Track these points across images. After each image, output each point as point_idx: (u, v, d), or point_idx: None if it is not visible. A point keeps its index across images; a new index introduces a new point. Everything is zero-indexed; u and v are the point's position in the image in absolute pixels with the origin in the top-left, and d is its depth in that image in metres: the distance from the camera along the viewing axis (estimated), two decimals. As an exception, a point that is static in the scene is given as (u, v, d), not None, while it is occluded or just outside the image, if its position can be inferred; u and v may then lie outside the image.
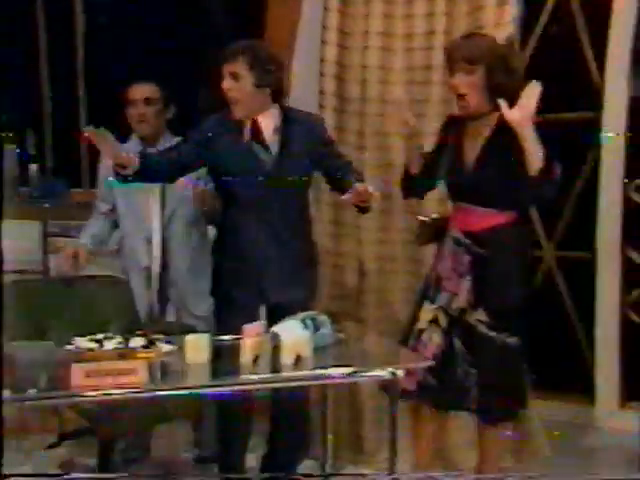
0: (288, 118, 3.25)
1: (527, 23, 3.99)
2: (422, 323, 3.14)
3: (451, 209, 3.23)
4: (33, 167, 3.95)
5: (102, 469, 3.39)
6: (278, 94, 3.23)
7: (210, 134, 3.25)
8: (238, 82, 3.15)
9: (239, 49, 3.17)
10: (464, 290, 3.10)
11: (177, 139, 3.55)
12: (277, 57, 3.25)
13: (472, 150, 3.12)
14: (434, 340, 3.12)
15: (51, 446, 3.76)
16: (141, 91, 3.61)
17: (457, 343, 3.12)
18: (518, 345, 3.11)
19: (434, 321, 3.12)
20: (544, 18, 4.28)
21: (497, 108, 3.04)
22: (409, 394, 3.12)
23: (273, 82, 3.18)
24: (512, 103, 3.00)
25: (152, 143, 3.61)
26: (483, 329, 3.09)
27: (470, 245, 3.11)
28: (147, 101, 3.60)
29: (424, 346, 3.12)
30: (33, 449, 3.83)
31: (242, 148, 3.23)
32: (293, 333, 2.87)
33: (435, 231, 3.25)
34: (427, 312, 3.15)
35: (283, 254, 3.27)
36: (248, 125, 3.22)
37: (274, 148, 3.24)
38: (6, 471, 2.48)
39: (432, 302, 3.15)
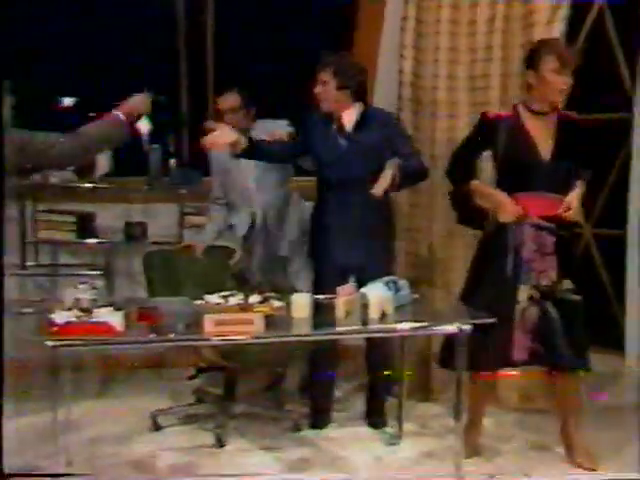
0: (367, 113, 3.31)
1: (570, 37, 3.82)
2: (523, 303, 3.00)
3: (518, 199, 2.98)
4: (172, 161, 4.03)
5: (227, 397, 3.46)
6: (360, 94, 3.30)
7: (311, 127, 3.36)
8: (325, 86, 3.25)
9: (326, 61, 3.28)
10: (551, 267, 2.99)
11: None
12: (357, 65, 3.35)
13: (545, 144, 2.98)
14: (533, 314, 3.00)
15: (190, 377, 3.80)
16: (225, 102, 3.59)
17: (551, 313, 3.00)
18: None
19: (530, 298, 3.00)
20: (583, 33, 4.15)
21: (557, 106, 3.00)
22: (522, 362, 3.05)
23: (353, 85, 3.26)
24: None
25: None
26: (572, 296, 3.01)
27: (553, 228, 2.99)
28: (232, 110, 3.58)
29: (526, 321, 3.00)
30: (176, 379, 3.90)
31: (329, 137, 3.31)
32: (378, 293, 2.88)
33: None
34: (523, 292, 2.99)
35: (357, 227, 3.27)
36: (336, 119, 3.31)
37: (351, 136, 3.29)
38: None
39: (525, 283, 2.99)
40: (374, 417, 3.49)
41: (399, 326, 2.86)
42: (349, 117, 3.29)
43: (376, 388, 3.51)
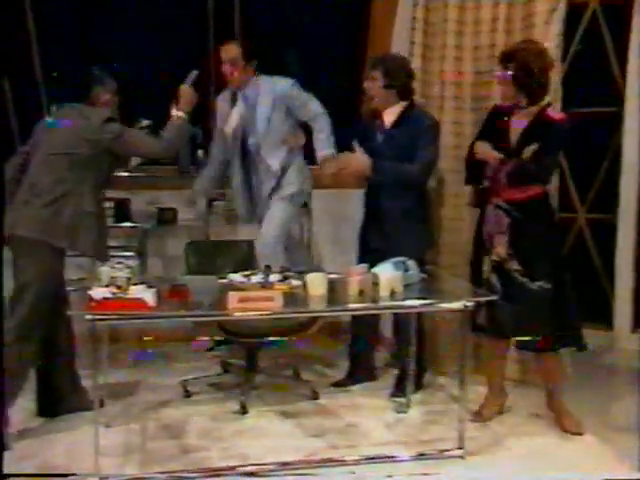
0: (407, 113, 3.29)
1: (567, 38, 3.69)
2: (486, 273, 3.00)
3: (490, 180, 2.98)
4: (200, 152, 3.95)
5: (249, 368, 3.40)
6: (405, 93, 3.29)
7: (364, 124, 3.40)
8: (374, 83, 3.26)
9: (377, 60, 3.30)
10: (502, 244, 2.95)
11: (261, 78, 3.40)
12: (406, 67, 3.33)
13: (514, 135, 2.96)
14: (493, 283, 2.98)
15: (210, 349, 3.76)
16: (226, 52, 3.36)
17: (495, 286, 2.96)
18: (546, 290, 2.92)
19: (492, 269, 2.99)
20: (579, 32, 4.04)
21: (534, 102, 2.94)
22: (482, 328, 3.02)
23: (399, 85, 3.27)
24: (535, 100, 2.92)
25: (241, 89, 3.43)
26: (517, 276, 2.94)
27: (510, 210, 2.95)
28: (231, 61, 3.37)
29: (493, 290, 2.95)
30: (203, 350, 3.85)
31: (373, 131, 3.34)
32: (388, 273, 2.82)
33: (481, 198, 3.07)
34: (487, 263, 3.00)
35: (385, 214, 3.27)
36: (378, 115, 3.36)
37: (387, 132, 3.31)
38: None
39: (486, 255, 3.00)
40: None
41: (407, 303, 2.78)
42: (390, 115, 3.29)
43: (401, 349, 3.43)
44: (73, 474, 2.62)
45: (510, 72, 2.91)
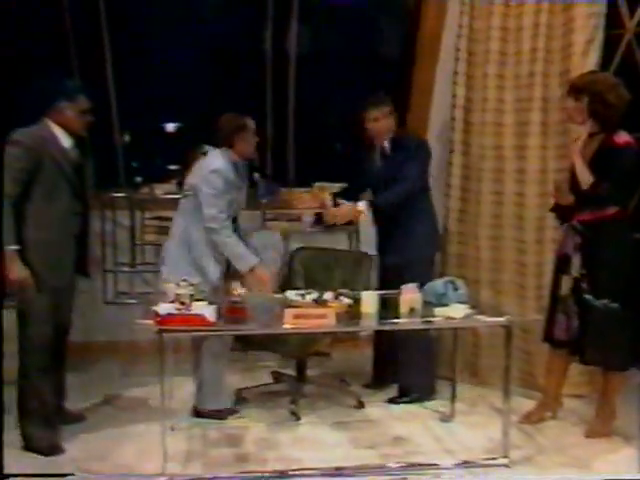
0: (394, 142, 3.26)
1: (604, 65, 3.54)
2: (564, 290, 2.88)
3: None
4: (257, 175, 3.90)
5: (299, 378, 3.32)
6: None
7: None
8: (378, 123, 3.23)
9: (378, 100, 3.23)
10: (576, 263, 2.84)
11: None
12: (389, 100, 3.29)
13: (585, 160, 2.81)
14: (568, 302, 2.88)
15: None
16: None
17: (571, 306, 2.86)
18: (611, 309, 2.78)
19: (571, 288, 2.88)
20: (615, 62, 3.85)
21: (603, 131, 2.78)
22: (561, 343, 2.92)
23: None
24: (610, 129, 2.75)
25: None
26: (586, 295, 2.83)
27: (582, 230, 2.83)
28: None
29: (569, 308, 2.86)
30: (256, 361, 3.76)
31: (373, 158, 3.32)
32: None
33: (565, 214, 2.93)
34: (566, 281, 2.88)
35: (392, 232, 3.25)
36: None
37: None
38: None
39: (566, 273, 2.88)
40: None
41: (458, 317, 2.65)
42: (387, 142, 3.27)
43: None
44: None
45: (584, 103, 2.78)
